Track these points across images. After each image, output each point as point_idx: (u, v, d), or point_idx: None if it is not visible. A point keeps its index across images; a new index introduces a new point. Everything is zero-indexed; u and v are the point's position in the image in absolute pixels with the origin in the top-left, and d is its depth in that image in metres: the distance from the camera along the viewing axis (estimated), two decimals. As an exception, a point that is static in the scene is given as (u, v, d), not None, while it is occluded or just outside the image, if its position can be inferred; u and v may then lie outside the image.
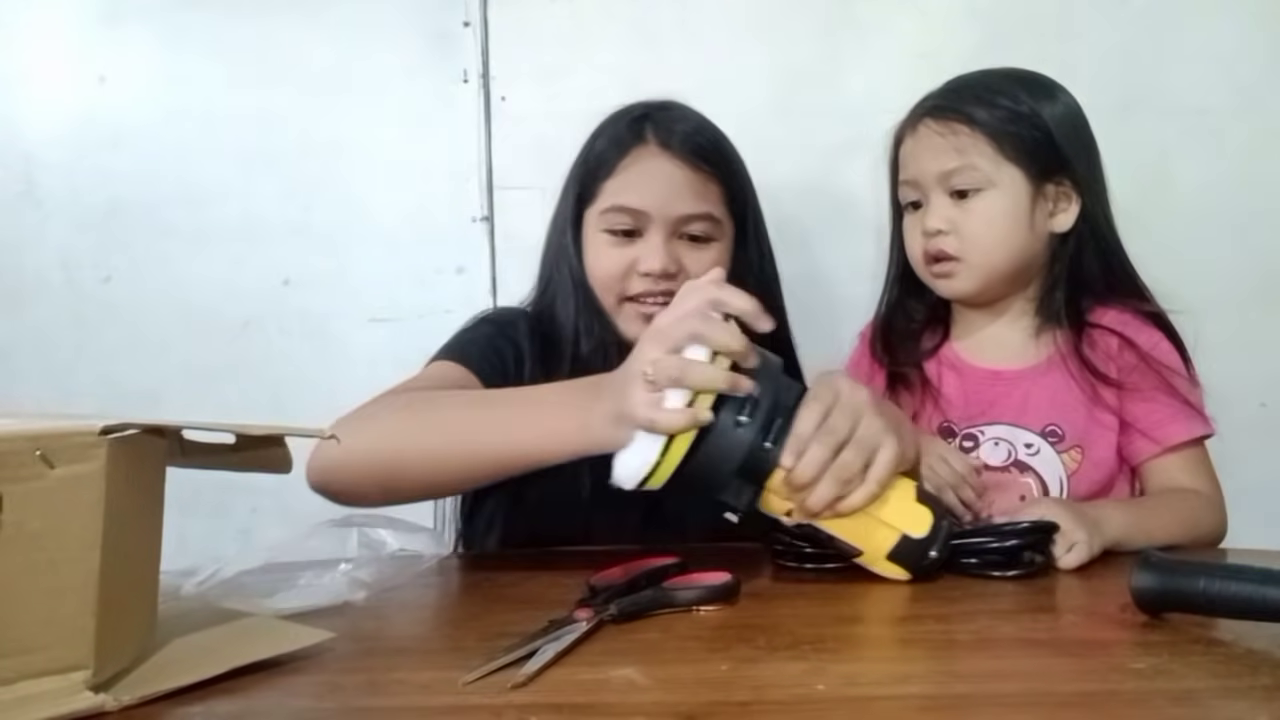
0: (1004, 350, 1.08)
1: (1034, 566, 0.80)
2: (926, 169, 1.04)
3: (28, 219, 1.36)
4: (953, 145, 1.02)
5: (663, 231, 1.01)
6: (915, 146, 1.06)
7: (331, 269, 1.36)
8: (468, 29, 1.35)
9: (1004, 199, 1.02)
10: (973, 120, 1.02)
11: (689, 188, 1.02)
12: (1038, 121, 1.02)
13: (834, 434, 0.72)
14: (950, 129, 1.02)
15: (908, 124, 1.08)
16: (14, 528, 0.50)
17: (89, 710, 0.52)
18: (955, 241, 1.03)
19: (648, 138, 1.03)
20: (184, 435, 0.62)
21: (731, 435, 0.71)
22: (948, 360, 1.11)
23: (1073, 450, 1.02)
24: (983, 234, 1.02)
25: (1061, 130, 1.03)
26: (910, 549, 0.75)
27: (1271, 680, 0.56)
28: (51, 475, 0.51)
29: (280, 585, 0.75)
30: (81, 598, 0.52)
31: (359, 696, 0.57)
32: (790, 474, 0.71)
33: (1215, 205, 1.31)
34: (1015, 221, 1.02)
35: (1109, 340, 1.02)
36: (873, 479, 0.72)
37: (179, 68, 1.36)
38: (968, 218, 1.02)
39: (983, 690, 0.56)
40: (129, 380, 1.36)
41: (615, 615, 0.67)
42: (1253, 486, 1.30)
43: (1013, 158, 1.01)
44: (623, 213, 1.01)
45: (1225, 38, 1.31)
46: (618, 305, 1.03)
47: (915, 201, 1.06)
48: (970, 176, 1.01)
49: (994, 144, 1.01)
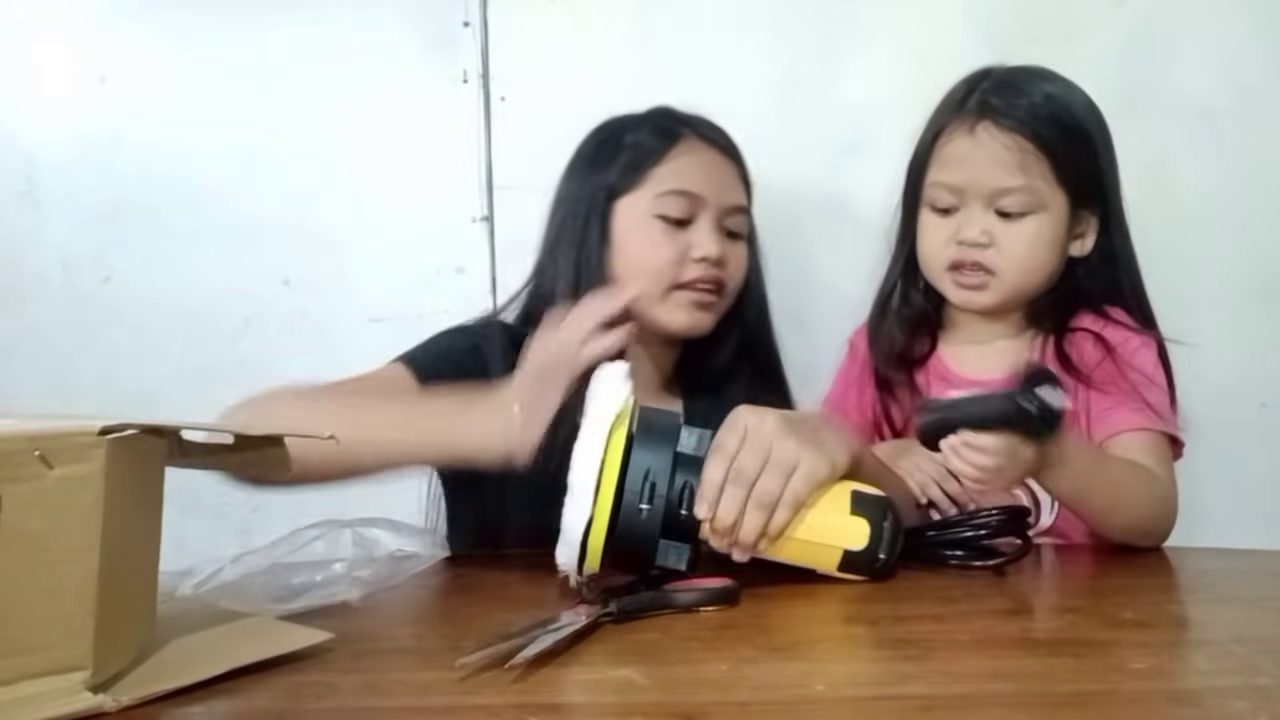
0: (990, 359, 1.06)
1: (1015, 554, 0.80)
2: (981, 180, 0.99)
3: (28, 219, 1.36)
4: (1017, 163, 0.97)
5: (714, 218, 1.02)
6: (973, 150, 0.99)
7: (331, 269, 1.36)
8: (468, 29, 1.34)
9: (1050, 223, 0.99)
10: (1037, 137, 0.97)
11: (732, 179, 1.05)
12: (1090, 149, 1.00)
13: (744, 473, 0.71)
14: (1016, 143, 0.97)
15: (959, 121, 1.01)
16: (13, 528, 0.50)
17: (88, 711, 0.52)
18: (994, 256, 0.99)
19: (687, 131, 1.04)
20: (183, 435, 0.62)
21: (638, 521, 0.71)
22: (936, 370, 1.10)
23: None
24: (1024, 255, 0.99)
25: (1105, 157, 1.01)
26: (856, 559, 0.75)
27: (1270, 680, 0.56)
28: (50, 475, 0.51)
29: (279, 585, 0.75)
30: (80, 598, 0.52)
31: (357, 697, 0.57)
32: (712, 524, 0.71)
33: (1215, 205, 1.31)
34: (1055, 245, 1.00)
35: (1086, 340, 1.01)
36: (787, 500, 0.72)
37: (179, 68, 1.36)
38: (1011, 235, 0.99)
39: (983, 690, 0.56)
40: (128, 380, 1.36)
41: (614, 614, 0.67)
42: (1253, 486, 1.31)
43: (1064, 182, 0.98)
44: (682, 197, 1.01)
45: (1225, 38, 1.31)
46: (665, 294, 1.02)
47: (949, 207, 1.01)
48: (1027, 199, 0.98)
49: (1053, 165, 0.98)
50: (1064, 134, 0.99)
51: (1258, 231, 1.32)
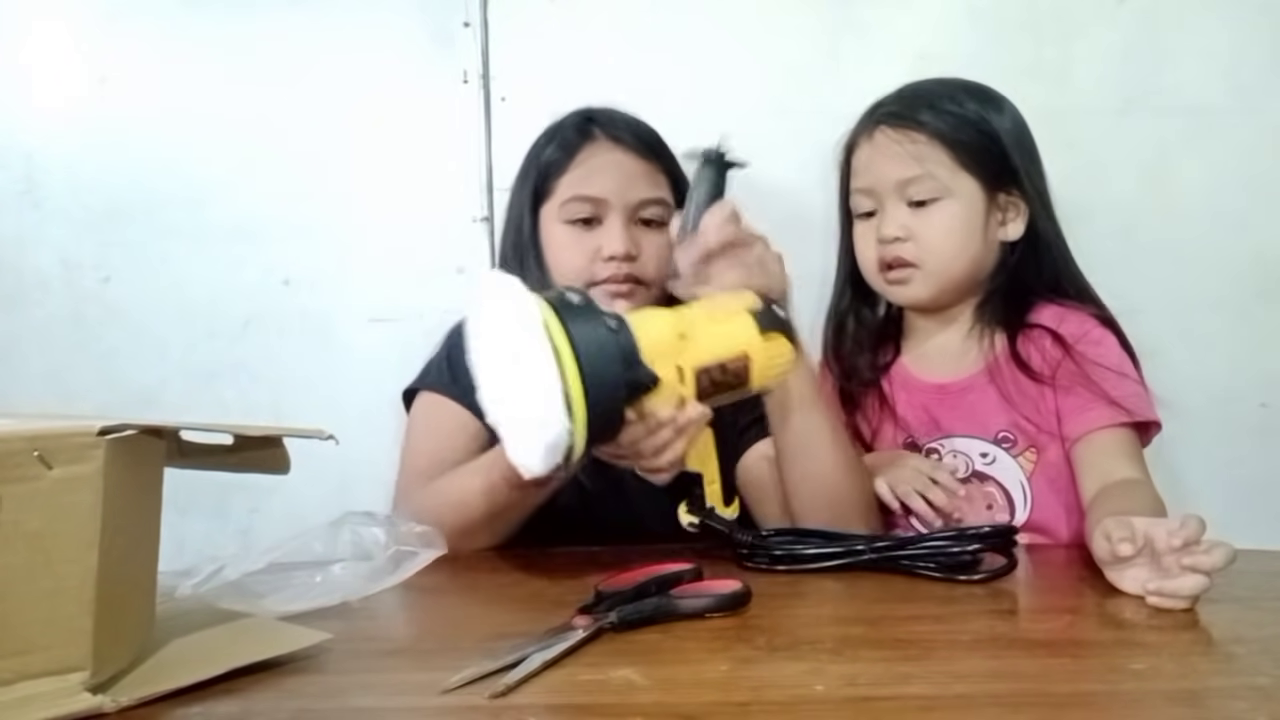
0: (948, 362, 1.08)
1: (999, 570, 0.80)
2: (884, 176, 1.04)
3: (28, 219, 1.36)
4: (911, 154, 1.03)
5: (621, 217, 1.07)
6: (872, 154, 1.06)
7: (331, 269, 1.36)
8: (468, 29, 1.34)
9: (961, 208, 1.03)
10: (930, 129, 1.03)
11: (642, 175, 1.09)
12: (989, 130, 1.04)
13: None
14: (908, 137, 1.03)
15: (862, 131, 1.09)
16: (12, 528, 0.50)
17: (87, 711, 0.52)
18: (913, 248, 1.04)
19: (596, 134, 1.10)
20: (182, 436, 0.62)
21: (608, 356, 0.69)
22: (899, 379, 1.12)
23: (1027, 452, 1.03)
24: (940, 242, 1.03)
25: (1011, 140, 1.05)
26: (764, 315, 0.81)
27: (1270, 680, 0.56)
28: (49, 476, 0.51)
29: (279, 586, 0.75)
30: (79, 598, 0.52)
31: (357, 696, 0.57)
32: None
33: (1215, 205, 1.31)
34: (971, 230, 1.04)
35: (1044, 338, 1.03)
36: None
37: (179, 68, 1.35)
38: (925, 226, 1.03)
39: (983, 690, 0.56)
40: (128, 380, 1.36)
41: (615, 624, 0.66)
42: (1253, 486, 1.30)
43: (968, 167, 1.03)
44: (583, 202, 1.07)
45: (1225, 38, 1.31)
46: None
47: (869, 211, 1.07)
48: (929, 185, 1.03)
49: (951, 153, 1.03)
50: (957, 121, 1.04)
51: (1258, 231, 1.32)
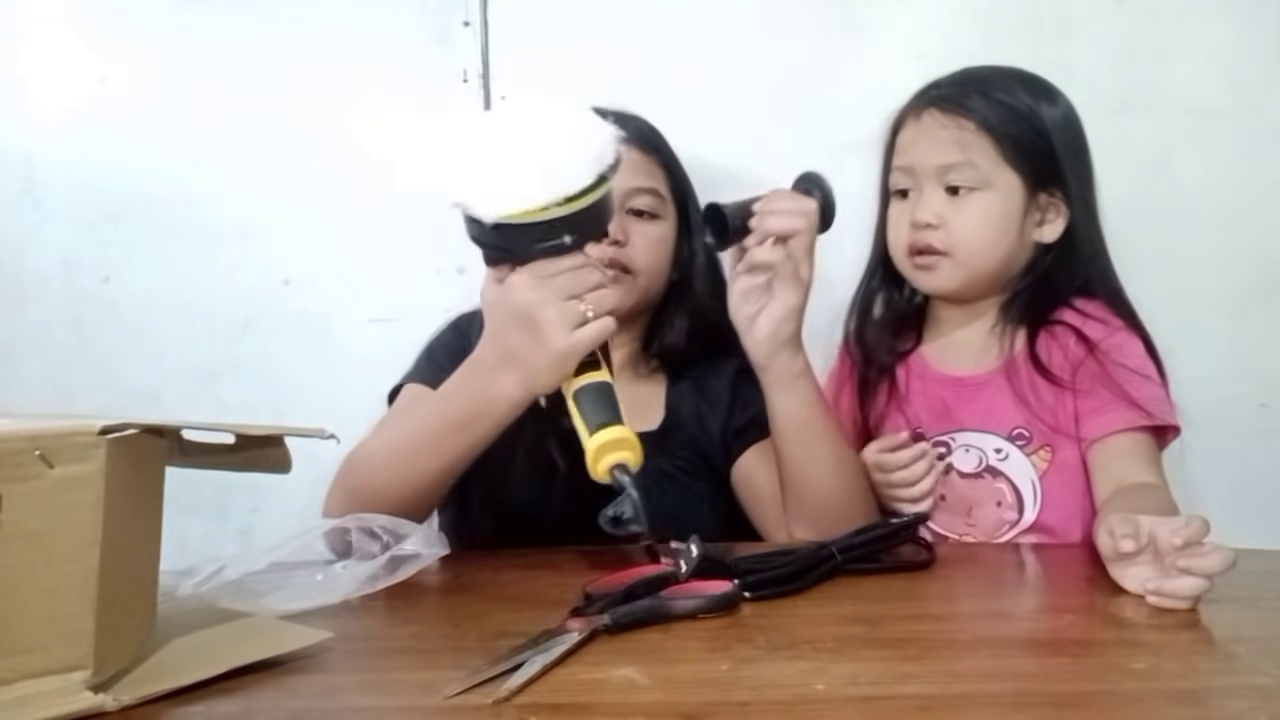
0: (968, 355, 1.07)
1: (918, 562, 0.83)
2: (924, 159, 1.03)
3: (28, 219, 1.36)
4: (955, 139, 1.01)
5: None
6: (917, 134, 1.05)
7: (331, 269, 1.36)
8: (468, 29, 1.34)
9: (999, 201, 1.01)
10: (978, 117, 1.01)
11: (637, 165, 1.09)
12: (1040, 127, 1.02)
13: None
14: (955, 123, 1.02)
15: (910, 110, 1.07)
16: (13, 527, 0.50)
17: (88, 710, 0.52)
18: (944, 237, 1.02)
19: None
20: (183, 435, 0.62)
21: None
22: (916, 368, 1.11)
23: (1041, 450, 1.02)
24: (972, 233, 1.02)
25: (1061, 139, 1.03)
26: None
27: (1270, 680, 0.56)
28: (51, 475, 0.51)
29: (280, 585, 0.75)
30: (81, 598, 0.52)
31: (358, 696, 0.57)
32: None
33: (1215, 205, 1.31)
34: (1006, 226, 1.02)
35: (1068, 335, 1.02)
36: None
37: (179, 68, 1.35)
38: (959, 215, 1.02)
39: (983, 690, 0.56)
40: (129, 380, 1.36)
41: (609, 626, 0.66)
42: (1253, 486, 1.31)
43: (1012, 161, 1.01)
44: None
45: (1225, 38, 1.31)
46: None
47: (904, 190, 1.05)
48: (969, 174, 1.01)
49: (997, 145, 1.01)
50: (1008, 113, 1.02)
51: (1257, 231, 1.32)
